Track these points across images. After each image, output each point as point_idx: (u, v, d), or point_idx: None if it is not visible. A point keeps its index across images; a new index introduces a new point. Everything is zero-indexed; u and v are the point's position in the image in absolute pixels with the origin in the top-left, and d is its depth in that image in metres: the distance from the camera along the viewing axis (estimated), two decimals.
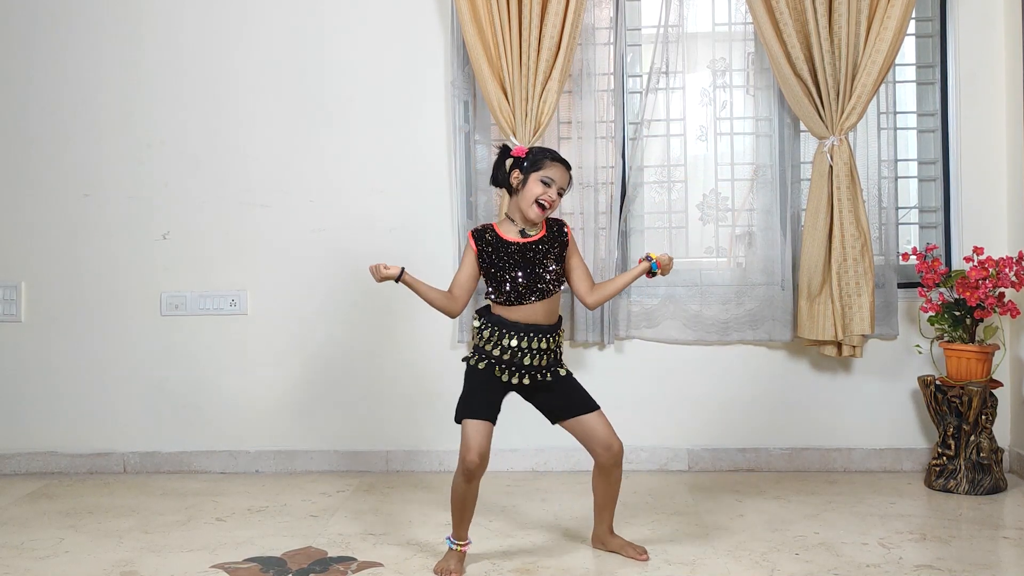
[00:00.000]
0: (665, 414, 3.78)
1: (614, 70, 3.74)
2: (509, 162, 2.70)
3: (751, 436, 3.76)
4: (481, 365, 2.66)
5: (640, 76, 3.83)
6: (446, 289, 2.74)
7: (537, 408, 2.75)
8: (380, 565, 2.72)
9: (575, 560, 2.75)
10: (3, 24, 3.90)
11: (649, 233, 3.80)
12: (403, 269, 2.68)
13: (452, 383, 3.72)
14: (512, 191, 2.71)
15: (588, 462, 3.71)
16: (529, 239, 2.68)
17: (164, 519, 3.21)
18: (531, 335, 2.64)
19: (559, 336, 2.71)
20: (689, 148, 3.77)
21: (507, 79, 3.58)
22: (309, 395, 3.86)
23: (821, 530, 2.99)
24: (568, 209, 3.77)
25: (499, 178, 2.73)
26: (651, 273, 2.72)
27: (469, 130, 3.78)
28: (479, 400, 2.65)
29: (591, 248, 3.68)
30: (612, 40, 3.73)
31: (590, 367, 3.74)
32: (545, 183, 2.64)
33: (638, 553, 2.74)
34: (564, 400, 2.70)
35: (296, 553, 2.83)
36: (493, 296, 2.69)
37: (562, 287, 2.72)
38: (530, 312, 2.66)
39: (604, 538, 2.82)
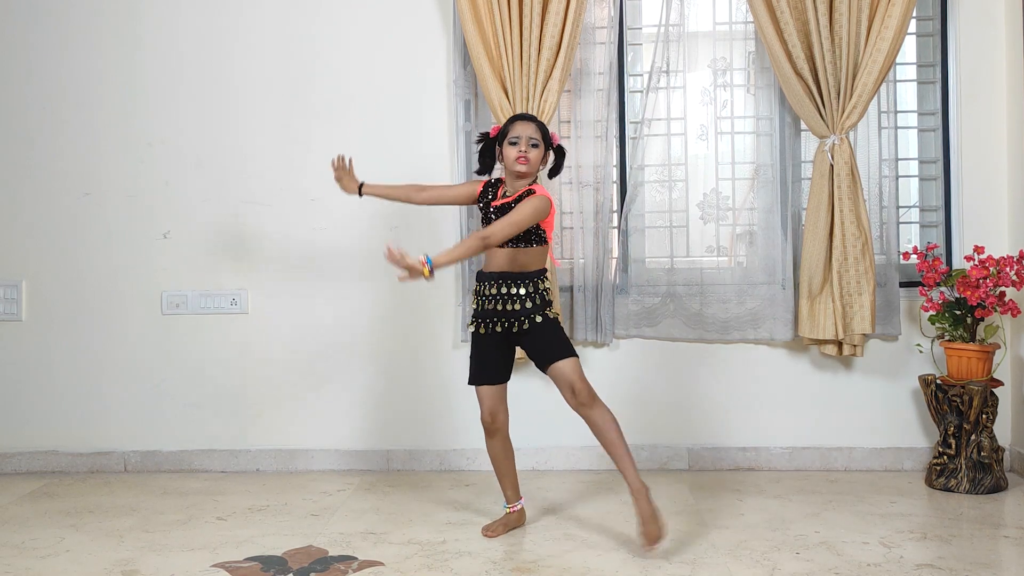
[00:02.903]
0: (666, 413, 3.78)
1: (615, 69, 3.73)
2: (491, 144, 2.98)
3: (752, 435, 3.76)
4: (471, 329, 2.94)
5: (641, 75, 3.82)
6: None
7: (530, 357, 2.91)
8: (381, 564, 2.72)
9: (576, 559, 2.75)
10: (3, 24, 3.90)
11: (650, 232, 3.80)
12: (360, 185, 3.14)
13: (453, 382, 3.76)
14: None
15: (588, 461, 3.74)
16: (507, 200, 2.90)
17: (165, 518, 3.22)
18: (506, 282, 2.86)
19: (537, 283, 2.87)
20: (690, 147, 3.77)
21: (508, 78, 3.58)
22: (310, 394, 3.86)
23: (822, 529, 2.99)
24: (568, 208, 3.77)
25: (487, 164, 3.01)
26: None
27: (470, 129, 3.78)
28: (479, 363, 2.95)
29: (591, 247, 3.68)
30: (613, 39, 3.73)
31: (591, 366, 3.72)
32: (513, 143, 2.88)
33: (646, 540, 2.68)
34: (541, 346, 2.85)
35: (297, 552, 2.83)
36: None
37: (534, 243, 2.87)
38: (501, 259, 2.86)
39: (636, 497, 2.72)
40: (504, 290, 2.85)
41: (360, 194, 3.15)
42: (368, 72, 3.83)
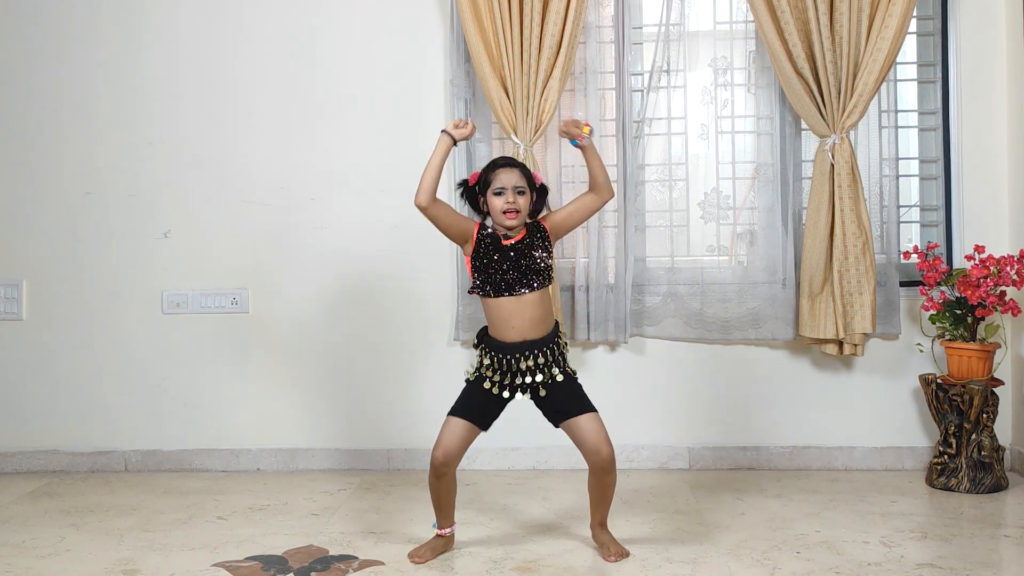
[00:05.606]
0: (666, 412, 3.78)
1: (616, 68, 3.73)
2: (472, 192, 2.75)
3: (752, 434, 3.76)
4: (484, 385, 2.72)
5: (641, 74, 3.82)
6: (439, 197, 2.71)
7: (541, 412, 2.77)
8: (381, 564, 2.72)
9: (576, 559, 2.75)
10: (3, 23, 3.90)
11: (651, 231, 3.80)
12: (451, 138, 2.69)
13: (453, 381, 3.73)
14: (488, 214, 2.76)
15: None
16: (510, 240, 2.70)
17: (165, 517, 3.22)
18: (530, 353, 2.67)
19: (556, 345, 2.72)
20: (690, 146, 3.77)
21: (508, 77, 3.58)
22: (310, 393, 3.86)
23: (822, 528, 2.99)
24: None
25: (477, 210, 2.77)
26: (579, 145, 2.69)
27: None
28: (467, 400, 2.75)
29: (595, 246, 3.67)
30: (614, 38, 3.73)
31: (591, 365, 3.74)
32: (498, 193, 2.67)
33: (607, 554, 2.73)
34: (561, 402, 2.71)
35: (297, 551, 2.83)
36: (480, 290, 2.70)
37: (550, 280, 2.71)
38: (520, 317, 2.66)
39: (594, 530, 2.82)
40: (535, 362, 2.66)
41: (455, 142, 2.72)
42: (366, 70, 3.83)
